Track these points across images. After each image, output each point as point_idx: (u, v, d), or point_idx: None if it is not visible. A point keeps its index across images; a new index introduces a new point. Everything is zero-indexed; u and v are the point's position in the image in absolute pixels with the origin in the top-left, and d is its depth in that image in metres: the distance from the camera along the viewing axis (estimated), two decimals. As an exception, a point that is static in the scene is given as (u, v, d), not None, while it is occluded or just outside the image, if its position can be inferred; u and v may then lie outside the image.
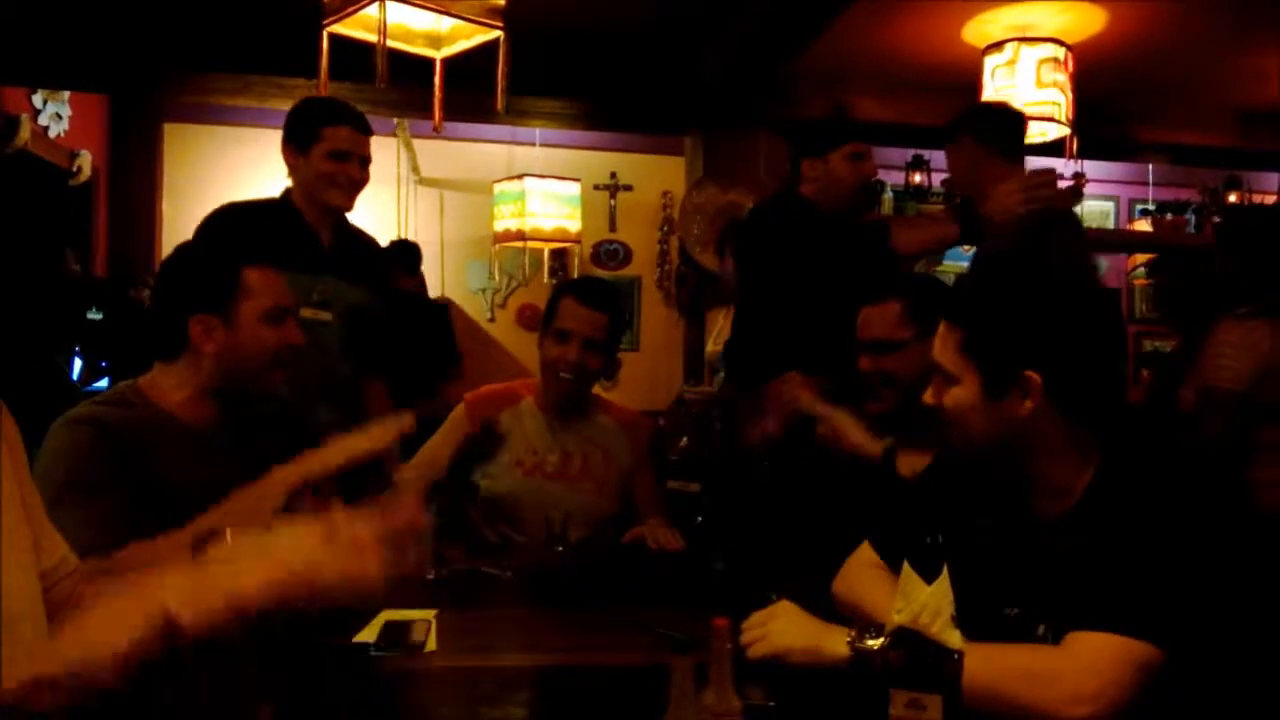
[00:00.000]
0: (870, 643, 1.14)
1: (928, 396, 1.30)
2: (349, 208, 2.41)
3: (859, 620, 1.23)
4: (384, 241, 5.02)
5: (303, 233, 2.32)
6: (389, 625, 1.40)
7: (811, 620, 1.26)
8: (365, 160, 2.38)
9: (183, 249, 1.69)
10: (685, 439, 2.16)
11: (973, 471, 1.33)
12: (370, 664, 1.24)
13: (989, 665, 1.04)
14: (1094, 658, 1.07)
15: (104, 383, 3.48)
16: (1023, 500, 1.27)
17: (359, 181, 2.38)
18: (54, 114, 4.13)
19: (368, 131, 2.40)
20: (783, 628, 1.23)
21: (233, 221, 2.29)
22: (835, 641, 1.18)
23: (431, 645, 1.35)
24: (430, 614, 1.47)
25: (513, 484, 2.20)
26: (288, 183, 2.40)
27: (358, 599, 0.98)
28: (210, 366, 1.53)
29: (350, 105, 2.43)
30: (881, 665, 0.97)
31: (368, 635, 1.37)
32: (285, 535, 0.98)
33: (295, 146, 2.36)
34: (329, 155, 2.31)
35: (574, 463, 2.25)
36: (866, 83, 4.15)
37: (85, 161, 4.23)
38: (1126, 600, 1.09)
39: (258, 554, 0.96)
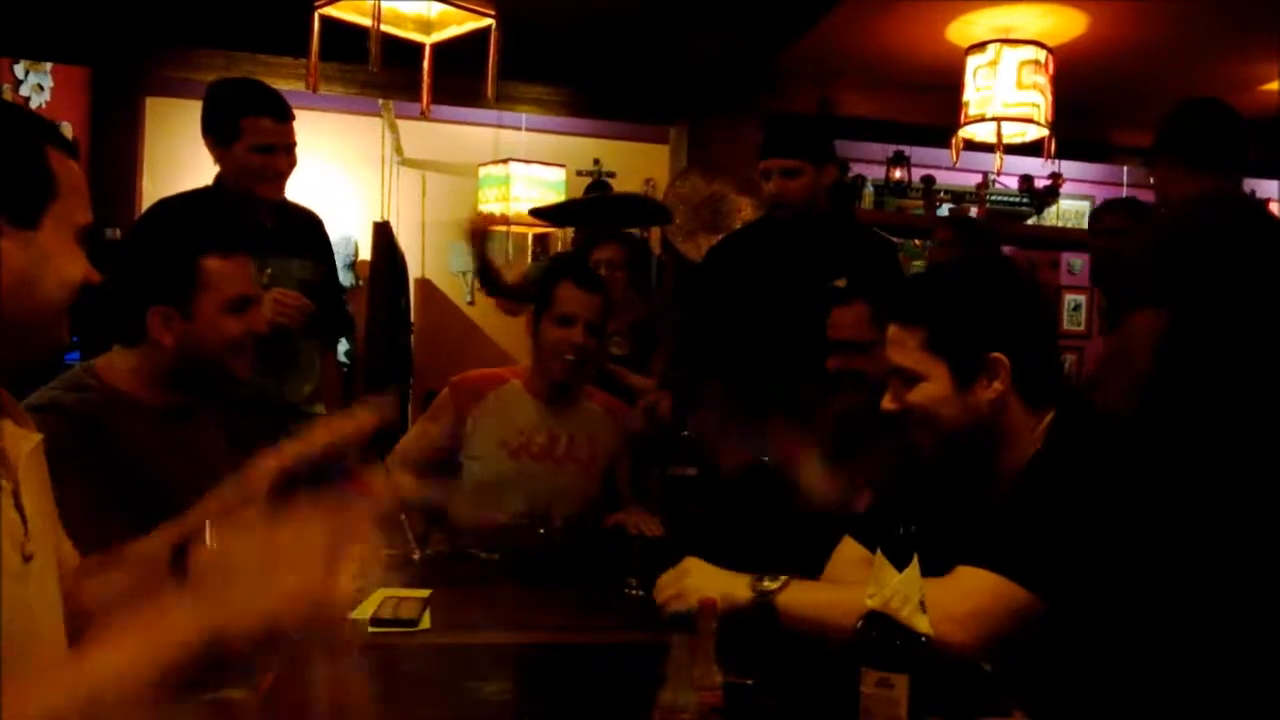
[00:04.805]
0: (768, 584, 1.26)
1: (887, 402, 1.35)
2: (280, 196, 2.33)
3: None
4: (366, 222, 5.08)
5: (242, 218, 2.24)
6: (385, 602, 1.44)
7: (720, 571, 1.34)
8: (291, 147, 2.28)
9: (140, 238, 1.64)
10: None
11: (934, 468, 1.38)
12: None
13: None
14: (969, 587, 1.16)
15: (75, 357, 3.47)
16: (977, 491, 1.33)
17: (287, 170, 2.30)
18: (35, 85, 4.09)
19: (289, 116, 2.29)
20: (697, 583, 1.31)
21: (176, 214, 2.20)
22: (740, 587, 1.27)
23: (426, 623, 1.40)
24: (424, 593, 1.51)
25: (498, 464, 2.23)
26: None
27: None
28: (168, 355, 1.51)
29: (269, 90, 2.30)
30: (855, 645, 1.03)
31: (364, 612, 1.41)
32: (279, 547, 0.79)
33: (216, 139, 2.24)
34: (253, 149, 2.21)
35: (560, 445, 2.28)
36: (851, 77, 4.19)
37: (65, 133, 4.19)
38: (1011, 546, 1.18)
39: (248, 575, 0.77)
